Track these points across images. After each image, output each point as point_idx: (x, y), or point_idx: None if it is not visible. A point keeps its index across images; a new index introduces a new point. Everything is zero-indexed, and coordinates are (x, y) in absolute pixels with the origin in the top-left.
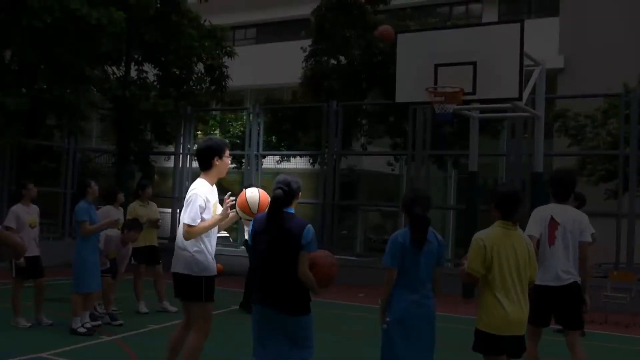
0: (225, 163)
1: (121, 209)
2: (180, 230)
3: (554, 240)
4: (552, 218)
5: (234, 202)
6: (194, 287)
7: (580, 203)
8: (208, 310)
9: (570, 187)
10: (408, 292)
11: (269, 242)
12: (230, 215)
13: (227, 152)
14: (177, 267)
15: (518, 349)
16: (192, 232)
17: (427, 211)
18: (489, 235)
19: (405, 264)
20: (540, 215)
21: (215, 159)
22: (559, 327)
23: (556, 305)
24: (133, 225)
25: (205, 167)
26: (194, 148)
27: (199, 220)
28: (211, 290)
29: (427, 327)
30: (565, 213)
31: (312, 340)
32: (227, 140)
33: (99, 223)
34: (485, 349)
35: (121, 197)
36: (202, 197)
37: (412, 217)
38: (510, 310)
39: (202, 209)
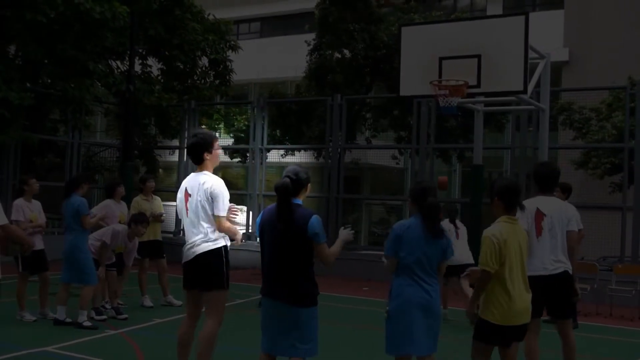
0: (215, 155)
1: (123, 203)
2: (207, 226)
3: (540, 231)
4: (537, 210)
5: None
6: (219, 275)
7: (567, 194)
8: (225, 298)
9: (553, 178)
10: (409, 282)
11: (274, 233)
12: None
13: (216, 144)
14: (202, 257)
15: (522, 335)
16: (225, 226)
17: (435, 199)
18: (500, 232)
19: (406, 255)
20: (526, 208)
21: (205, 154)
22: (547, 317)
23: (547, 295)
24: (140, 219)
25: (198, 161)
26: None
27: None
28: (229, 277)
29: (429, 318)
30: (551, 204)
31: (316, 333)
32: (214, 133)
33: (98, 216)
34: (489, 339)
35: (120, 191)
36: (226, 193)
37: (425, 207)
38: (517, 301)
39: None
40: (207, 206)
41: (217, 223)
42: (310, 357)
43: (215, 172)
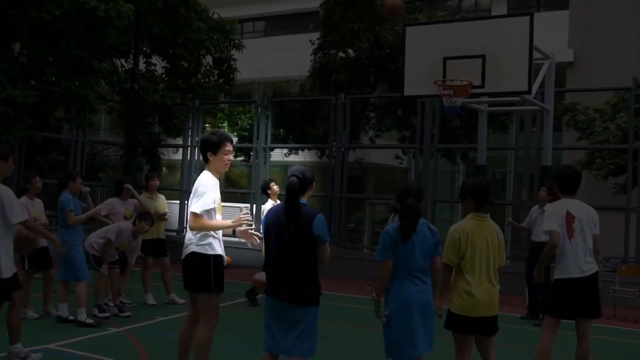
0: (220, 159)
1: (130, 201)
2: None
3: (572, 233)
4: (568, 212)
5: (249, 219)
6: (204, 278)
7: (555, 197)
8: (216, 301)
9: (577, 179)
10: (407, 283)
11: (280, 233)
12: (239, 228)
13: (225, 148)
14: (189, 258)
15: (489, 329)
16: (198, 223)
17: (419, 202)
18: (463, 228)
19: (402, 256)
20: (556, 211)
21: (209, 154)
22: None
23: (582, 296)
24: (144, 217)
25: (204, 159)
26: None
27: (206, 211)
28: (220, 280)
29: (426, 317)
30: (578, 207)
31: (315, 333)
32: (229, 135)
33: (85, 214)
34: (455, 328)
35: (127, 191)
36: (212, 191)
37: (403, 207)
38: (479, 295)
39: (211, 204)
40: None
41: (189, 219)
42: (308, 357)
43: None
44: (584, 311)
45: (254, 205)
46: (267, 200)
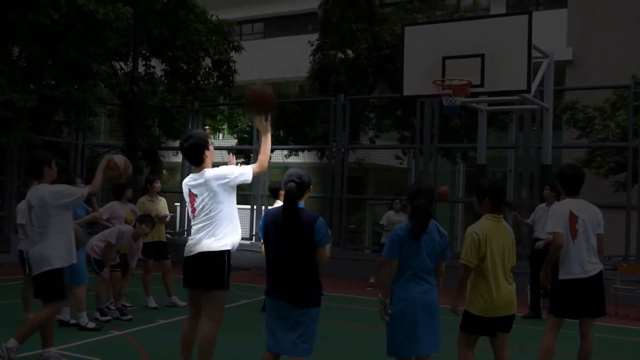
0: (212, 152)
1: (130, 204)
2: (213, 227)
3: (576, 234)
4: (571, 213)
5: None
6: (219, 275)
7: (558, 194)
8: (225, 300)
9: (580, 179)
10: (412, 283)
11: (280, 236)
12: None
13: (210, 141)
14: (203, 255)
15: (506, 326)
16: (262, 164)
17: (430, 203)
18: (482, 228)
19: (407, 256)
20: (559, 212)
21: (205, 152)
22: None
23: (586, 296)
24: (145, 220)
25: (199, 161)
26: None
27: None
28: (228, 278)
29: (431, 317)
30: (581, 207)
31: (315, 333)
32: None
33: (82, 218)
34: (473, 329)
35: (129, 193)
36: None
37: (414, 208)
38: (499, 295)
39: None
40: (215, 204)
41: (257, 169)
42: (306, 357)
43: None
44: (588, 310)
45: (255, 207)
46: (274, 203)
